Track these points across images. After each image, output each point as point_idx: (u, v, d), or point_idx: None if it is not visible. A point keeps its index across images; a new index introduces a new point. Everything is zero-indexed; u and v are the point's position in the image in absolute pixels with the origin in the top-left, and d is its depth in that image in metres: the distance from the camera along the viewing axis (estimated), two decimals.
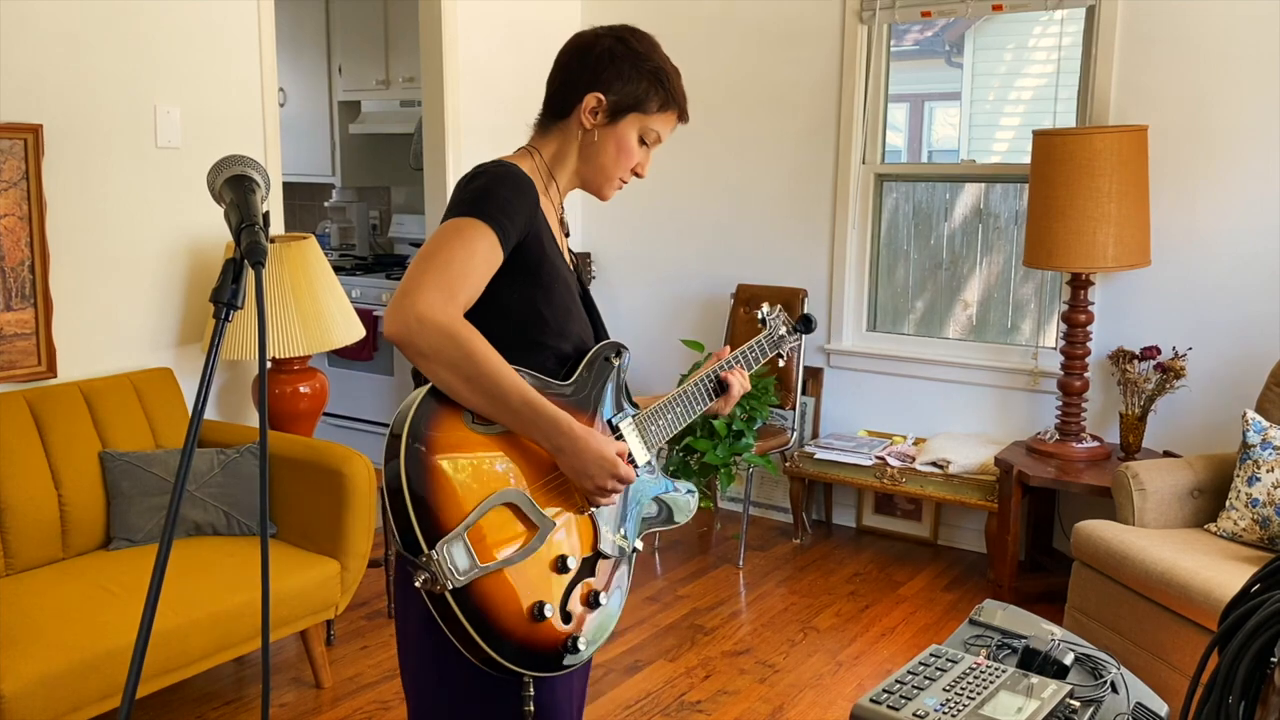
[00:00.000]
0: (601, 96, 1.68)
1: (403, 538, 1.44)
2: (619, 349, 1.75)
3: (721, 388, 1.87)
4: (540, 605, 1.51)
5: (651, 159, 1.78)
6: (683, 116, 1.76)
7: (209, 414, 3.64)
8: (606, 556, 1.64)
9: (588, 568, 1.61)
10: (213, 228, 3.58)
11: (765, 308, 2.06)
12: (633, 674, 3.36)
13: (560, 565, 1.56)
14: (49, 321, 3.17)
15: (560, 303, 1.66)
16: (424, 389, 1.51)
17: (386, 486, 1.45)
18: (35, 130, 3.09)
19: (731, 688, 3.29)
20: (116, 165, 3.34)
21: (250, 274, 1.24)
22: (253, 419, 3.78)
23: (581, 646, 1.56)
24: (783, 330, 2.03)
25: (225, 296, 1.22)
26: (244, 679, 3.32)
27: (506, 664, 1.48)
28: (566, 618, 1.56)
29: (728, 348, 1.95)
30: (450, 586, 1.43)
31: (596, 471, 1.56)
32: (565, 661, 1.55)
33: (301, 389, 3.60)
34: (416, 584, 1.43)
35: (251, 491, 3.17)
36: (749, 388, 1.93)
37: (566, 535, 1.59)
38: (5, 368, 3.08)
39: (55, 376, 3.19)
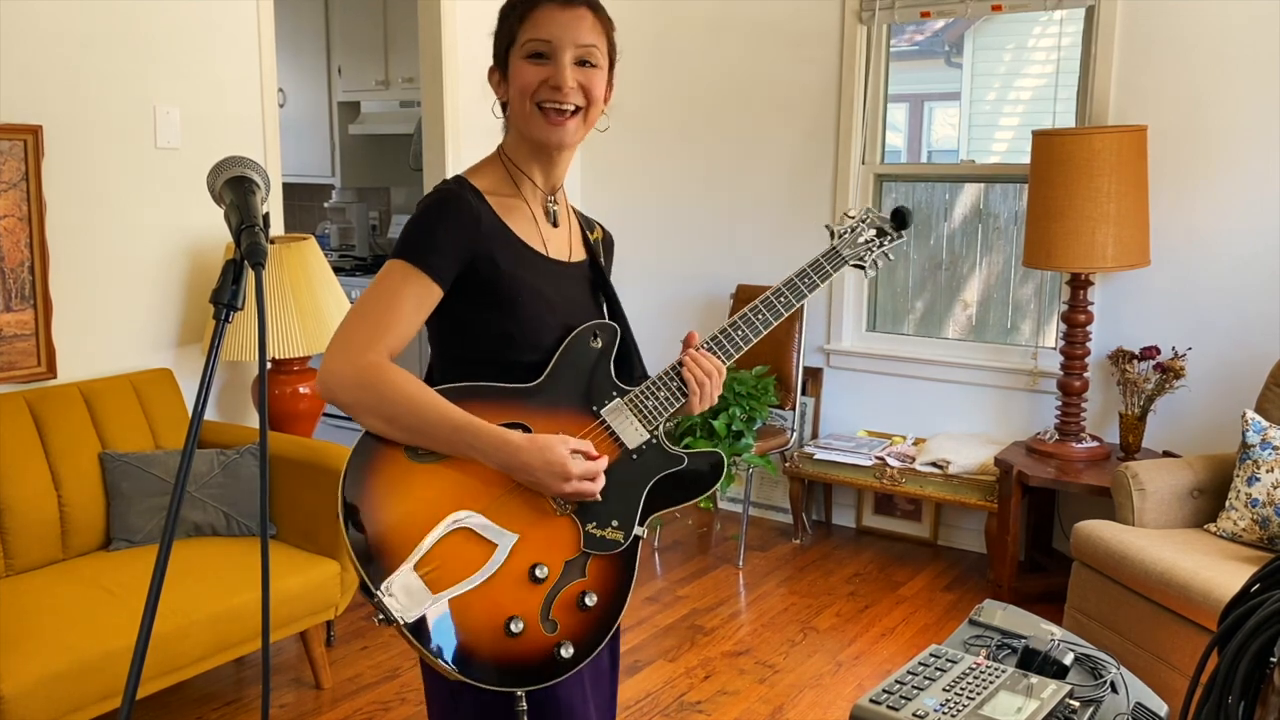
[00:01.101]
0: (492, 67, 1.66)
1: (359, 581, 1.48)
2: (601, 330, 1.66)
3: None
4: (510, 620, 1.50)
5: (580, 76, 1.59)
6: (565, 3, 1.58)
7: (209, 415, 3.64)
8: (597, 553, 1.59)
9: (575, 570, 1.57)
10: (212, 228, 3.58)
11: (852, 211, 1.84)
12: (632, 674, 3.36)
13: (532, 575, 1.53)
14: (49, 322, 3.17)
15: (529, 315, 1.60)
16: (361, 433, 1.53)
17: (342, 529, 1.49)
18: (35, 131, 3.09)
19: (731, 688, 3.29)
20: (116, 166, 3.34)
21: (250, 275, 1.24)
22: (252, 420, 3.78)
23: (568, 653, 1.53)
24: (869, 235, 1.83)
25: (225, 297, 1.22)
26: (244, 680, 3.32)
27: (482, 685, 1.48)
28: (552, 626, 1.53)
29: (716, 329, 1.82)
30: (403, 621, 1.45)
31: (549, 479, 1.53)
32: (556, 670, 1.53)
33: (301, 389, 3.60)
34: (376, 621, 1.46)
35: (251, 492, 3.17)
36: (720, 374, 1.74)
37: (537, 542, 1.55)
38: (5, 368, 3.08)
39: (55, 377, 3.19)
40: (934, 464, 4.17)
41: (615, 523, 1.62)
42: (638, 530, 1.64)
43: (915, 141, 5.10)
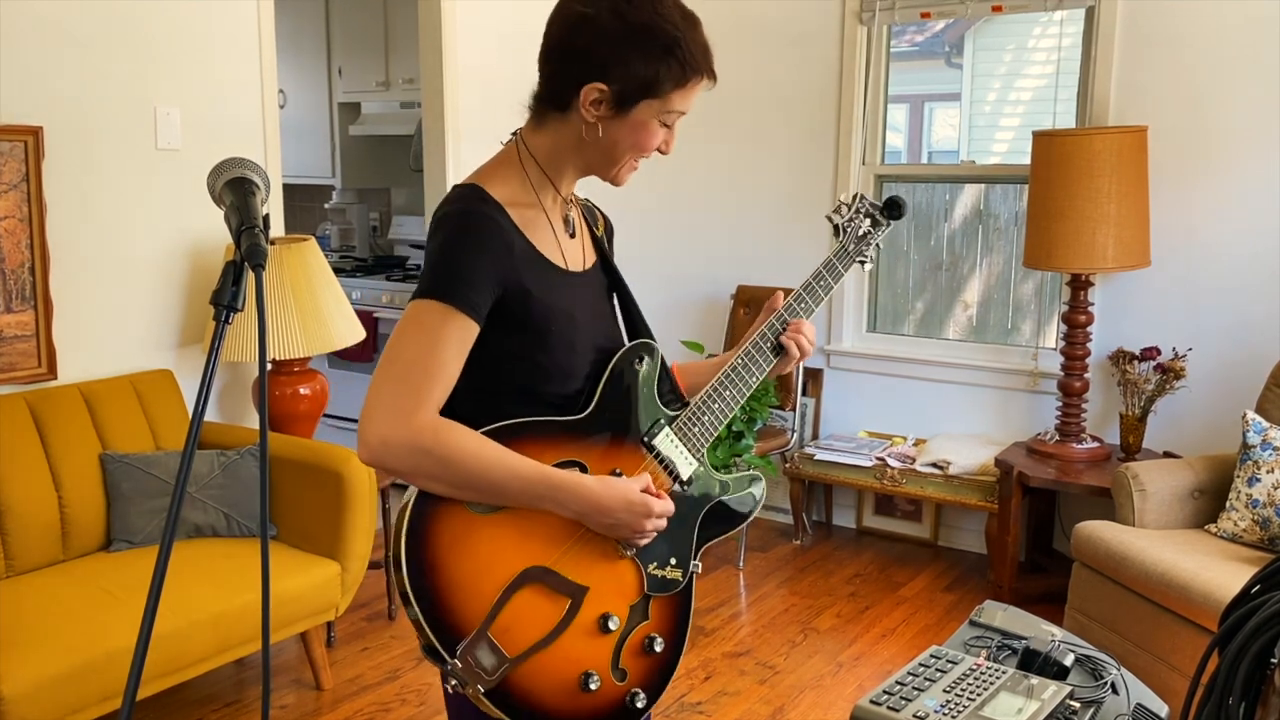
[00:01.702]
0: (604, 87, 1.43)
1: (423, 645, 1.36)
2: (644, 352, 1.57)
3: (778, 350, 1.65)
4: (587, 676, 1.43)
5: (677, 133, 1.53)
6: (712, 77, 1.49)
7: (209, 416, 3.64)
8: (659, 594, 1.53)
9: (638, 614, 1.50)
10: (213, 230, 3.58)
11: (843, 198, 1.78)
12: None
13: (603, 626, 1.46)
14: (49, 323, 3.17)
15: (561, 343, 1.49)
16: (415, 494, 1.39)
17: (399, 593, 1.36)
18: (35, 132, 3.09)
19: (732, 689, 3.29)
20: (117, 167, 3.34)
21: (250, 276, 1.24)
22: (253, 421, 3.78)
23: (641, 703, 1.47)
24: (865, 226, 1.77)
25: (225, 298, 1.22)
26: (244, 680, 3.32)
27: None
28: (621, 675, 1.46)
29: (780, 293, 1.69)
30: (483, 690, 1.35)
31: (630, 519, 1.45)
32: (628, 719, 1.47)
33: (302, 390, 3.60)
34: (449, 688, 1.36)
35: (252, 493, 3.17)
36: (812, 344, 1.68)
37: (606, 591, 1.47)
38: (5, 369, 3.08)
39: (55, 378, 3.19)
40: (934, 465, 4.17)
41: (673, 560, 1.55)
42: (694, 565, 1.58)
43: (915, 142, 5.11)
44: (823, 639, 3.64)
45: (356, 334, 3.57)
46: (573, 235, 1.58)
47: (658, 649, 1.50)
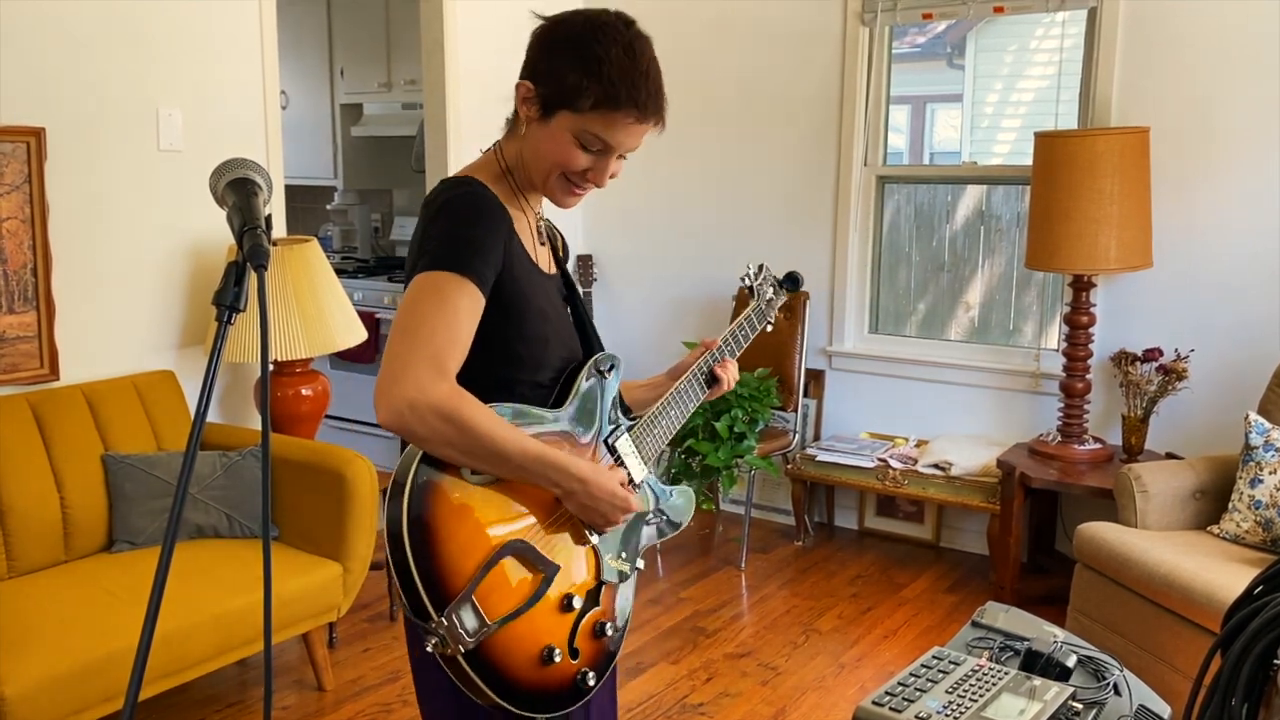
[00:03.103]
0: (531, 85, 1.53)
1: (410, 603, 1.41)
2: (614, 362, 1.69)
3: (711, 380, 1.83)
4: (549, 650, 1.49)
5: (615, 168, 1.58)
6: (643, 119, 1.52)
7: (211, 416, 3.64)
8: (609, 583, 1.62)
9: (592, 598, 1.58)
10: (215, 230, 3.59)
11: (750, 267, 1.96)
12: (635, 676, 3.36)
13: (566, 604, 1.54)
14: (51, 324, 3.17)
15: (535, 334, 1.58)
16: (419, 451, 1.45)
17: (391, 554, 1.41)
18: (38, 133, 3.10)
19: (733, 690, 3.29)
20: (119, 168, 3.34)
21: (253, 277, 1.24)
22: (254, 421, 3.78)
23: (591, 680, 1.55)
24: (770, 293, 1.97)
25: (228, 299, 1.22)
26: (246, 681, 3.32)
27: (520, 712, 1.47)
28: (575, 653, 1.54)
29: (718, 338, 1.88)
30: (463, 650, 1.40)
31: (609, 509, 1.54)
32: (578, 697, 1.54)
33: (303, 391, 3.60)
34: (428, 648, 1.40)
35: (253, 494, 3.17)
36: (736, 380, 1.86)
37: (571, 571, 1.56)
38: (8, 370, 3.08)
39: (57, 379, 3.19)
40: (936, 466, 4.17)
41: (624, 555, 1.66)
42: (639, 563, 1.69)
43: (917, 143, 5.11)
44: (825, 640, 3.64)
45: (358, 335, 3.57)
46: (543, 243, 1.69)
47: (608, 633, 1.59)
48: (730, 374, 1.84)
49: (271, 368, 3.56)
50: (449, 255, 1.46)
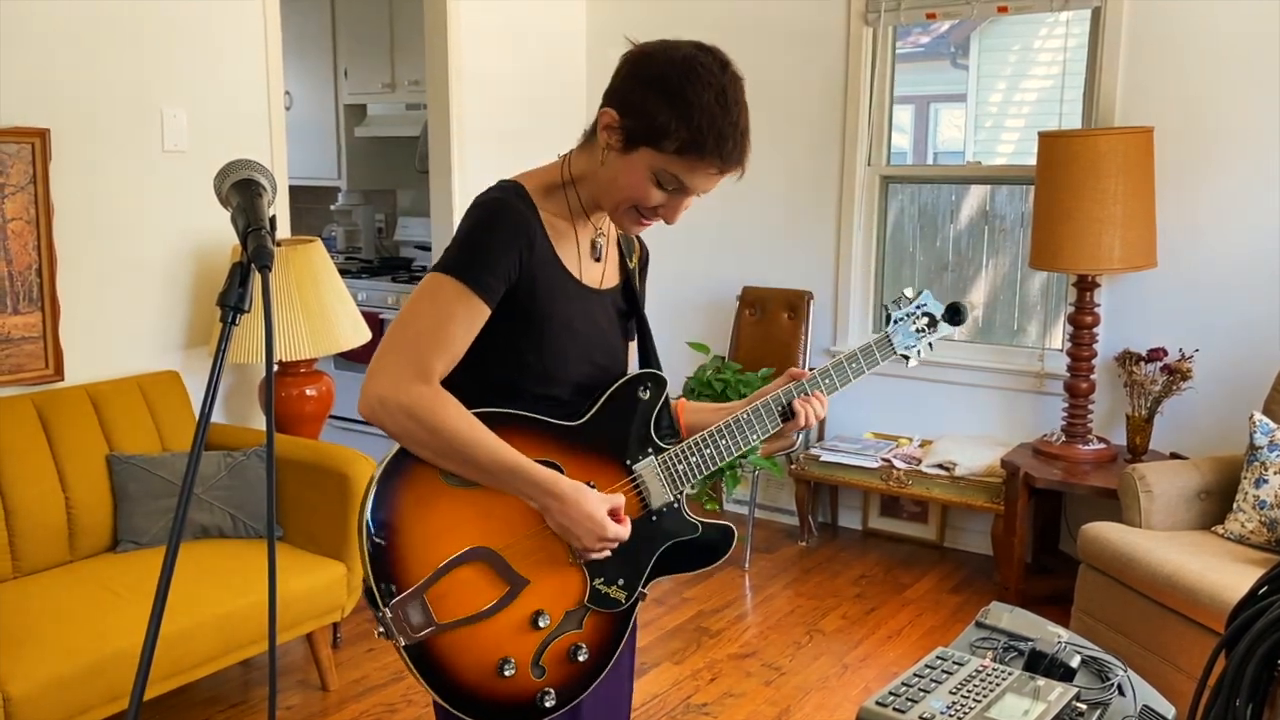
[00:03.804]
0: (616, 115, 1.49)
1: (364, 589, 1.46)
2: (651, 382, 1.62)
3: (788, 414, 1.69)
4: (504, 662, 1.50)
5: (685, 206, 1.55)
6: (725, 170, 1.50)
7: (215, 417, 3.65)
8: (597, 609, 1.58)
9: (572, 621, 1.56)
10: (219, 231, 3.59)
11: (907, 292, 1.80)
12: (638, 676, 3.36)
13: (534, 621, 1.52)
14: (56, 325, 3.18)
15: (553, 347, 1.55)
16: (395, 445, 1.48)
17: (358, 535, 1.46)
18: (42, 134, 3.10)
19: (737, 690, 3.29)
20: (123, 169, 3.35)
21: (258, 277, 1.24)
22: (259, 422, 3.78)
23: (549, 702, 1.53)
24: (923, 324, 1.80)
25: (232, 300, 1.22)
26: (250, 681, 3.32)
27: (460, 715, 1.48)
28: (539, 671, 1.53)
29: (812, 370, 1.73)
30: (403, 643, 1.44)
31: (583, 533, 1.51)
32: (533, 715, 1.53)
33: (308, 392, 3.60)
34: (376, 634, 1.45)
35: (258, 494, 3.18)
36: (821, 416, 1.70)
37: (546, 590, 1.54)
38: (13, 371, 3.09)
39: (62, 380, 3.20)
40: (940, 466, 4.16)
41: (621, 581, 1.61)
42: (641, 591, 1.63)
43: (921, 143, 5.10)
44: (828, 640, 3.64)
45: (362, 335, 3.57)
46: (598, 259, 1.64)
47: (580, 659, 1.56)
48: (812, 410, 1.69)
49: (276, 368, 3.56)
50: (457, 260, 1.49)
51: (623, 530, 1.54)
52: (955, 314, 1.81)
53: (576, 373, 1.59)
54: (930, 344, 1.84)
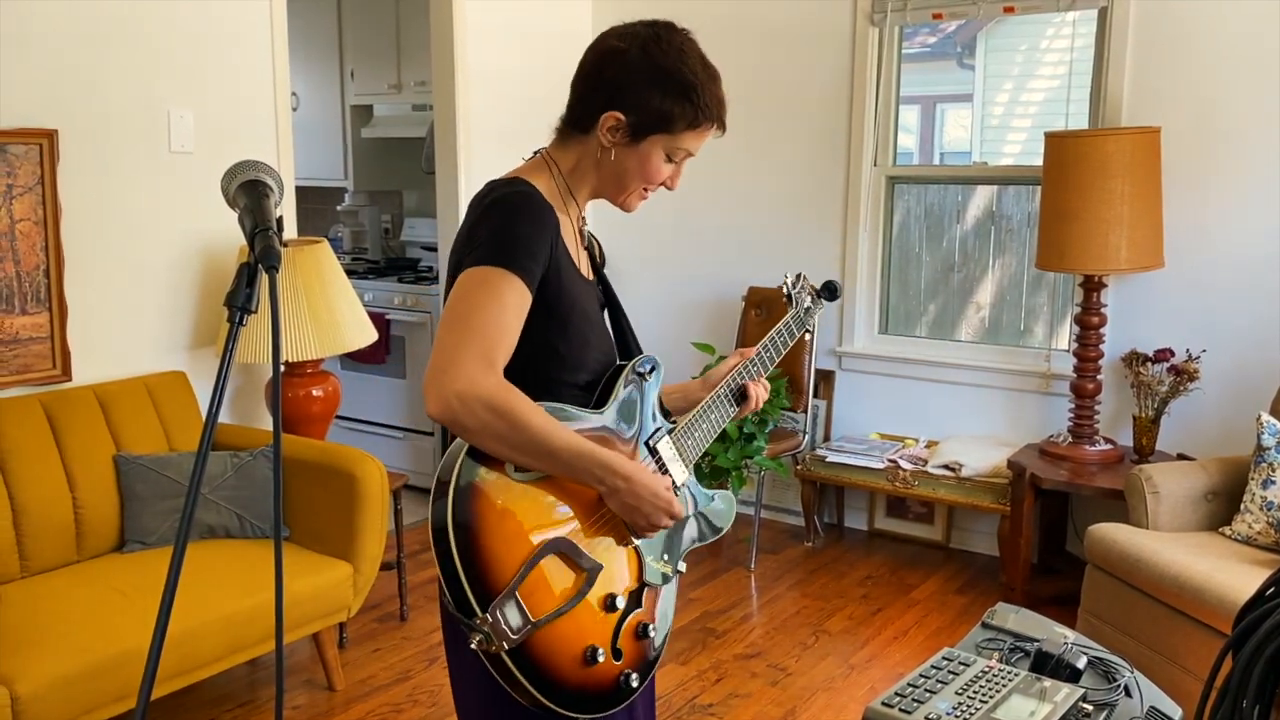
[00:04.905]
0: (621, 116, 1.56)
1: (455, 598, 1.40)
2: (653, 364, 1.68)
3: (741, 396, 1.80)
4: (593, 650, 1.49)
5: (684, 170, 1.67)
6: (720, 127, 1.64)
7: (222, 417, 3.65)
8: (652, 585, 1.61)
9: (635, 600, 1.58)
10: (226, 232, 3.60)
11: (789, 276, 1.96)
12: None
13: (609, 604, 1.53)
14: (63, 325, 3.19)
15: (577, 335, 1.60)
16: (464, 447, 1.45)
17: (435, 549, 1.40)
18: (50, 135, 3.11)
19: (743, 691, 3.29)
20: (130, 170, 3.36)
21: (265, 278, 1.24)
22: (266, 422, 3.79)
23: (635, 682, 1.54)
24: (808, 302, 1.95)
25: (239, 300, 1.23)
26: (257, 681, 3.33)
27: (563, 711, 1.46)
28: (618, 654, 1.53)
29: (754, 349, 1.86)
30: (506, 647, 1.40)
31: (651, 510, 1.53)
32: (621, 698, 1.54)
33: (314, 392, 3.61)
34: (472, 645, 1.40)
35: (264, 494, 3.18)
36: (765, 399, 1.84)
37: (614, 572, 1.55)
38: (20, 371, 3.10)
39: (70, 380, 3.21)
40: (946, 466, 4.16)
41: (665, 556, 1.65)
42: (680, 565, 1.68)
43: (927, 143, 5.09)
44: (834, 641, 3.63)
45: (369, 336, 3.58)
46: (585, 248, 1.72)
47: (651, 634, 1.59)
48: (759, 392, 1.82)
49: (283, 369, 3.57)
50: (498, 251, 1.49)
51: (684, 508, 1.59)
52: (830, 292, 1.99)
53: (594, 361, 1.63)
54: (816, 321, 2.02)
